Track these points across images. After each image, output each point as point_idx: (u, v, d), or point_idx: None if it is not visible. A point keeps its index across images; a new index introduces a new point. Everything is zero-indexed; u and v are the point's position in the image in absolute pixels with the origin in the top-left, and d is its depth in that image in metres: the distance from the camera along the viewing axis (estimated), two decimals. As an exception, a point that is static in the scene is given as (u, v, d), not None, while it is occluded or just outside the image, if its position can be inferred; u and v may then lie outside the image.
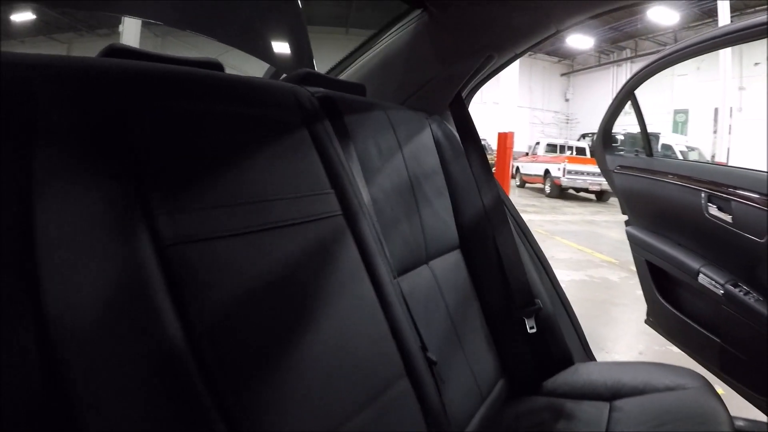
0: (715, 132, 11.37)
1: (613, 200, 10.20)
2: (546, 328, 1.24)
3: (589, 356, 1.46)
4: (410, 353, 0.81)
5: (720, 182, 1.57)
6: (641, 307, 2.06)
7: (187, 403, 0.53)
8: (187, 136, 0.65)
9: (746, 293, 1.47)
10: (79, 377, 0.47)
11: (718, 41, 1.52)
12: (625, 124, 2.92)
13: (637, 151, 2.15)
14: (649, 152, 2.04)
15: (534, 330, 1.21)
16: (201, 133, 0.67)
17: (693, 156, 10.42)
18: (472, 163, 1.32)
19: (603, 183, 10.08)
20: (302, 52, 1.44)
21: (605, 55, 19.40)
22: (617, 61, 18.62)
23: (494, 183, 1.32)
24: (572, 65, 21.74)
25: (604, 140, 2.17)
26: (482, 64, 1.31)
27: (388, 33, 1.38)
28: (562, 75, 21.87)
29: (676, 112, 14.32)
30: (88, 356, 0.48)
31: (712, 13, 11.60)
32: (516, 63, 1.50)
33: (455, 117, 1.37)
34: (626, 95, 1.96)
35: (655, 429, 0.98)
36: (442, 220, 1.22)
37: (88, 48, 20.35)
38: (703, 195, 1.61)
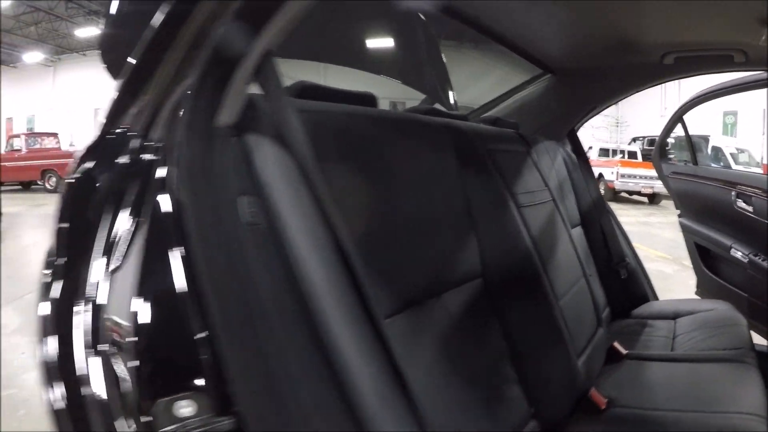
0: (764, 134, 11.57)
1: (665, 203, 10.47)
2: (632, 277, 1.96)
3: (656, 297, 2.16)
4: None
5: (744, 183, 2.25)
6: (691, 291, 2.74)
7: None
8: None
9: (764, 260, 2.14)
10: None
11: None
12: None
13: (686, 161, 2.84)
14: (694, 162, 2.73)
15: (625, 277, 1.93)
16: None
17: (743, 158, 10.62)
18: (584, 173, 2.05)
19: (655, 186, 10.40)
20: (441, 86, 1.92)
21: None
22: (665, 65, 18.66)
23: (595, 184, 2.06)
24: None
25: (661, 153, 2.88)
26: (591, 110, 2.04)
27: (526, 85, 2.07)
28: (611, 79, 21.96)
29: (725, 114, 14.37)
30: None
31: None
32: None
33: (572, 142, 2.11)
34: (677, 120, 2.66)
35: (700, 329, 1.67)
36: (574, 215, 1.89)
37: None
38: (732, 193, 2.29)
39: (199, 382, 0.53)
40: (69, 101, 22.50)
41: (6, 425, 2.09)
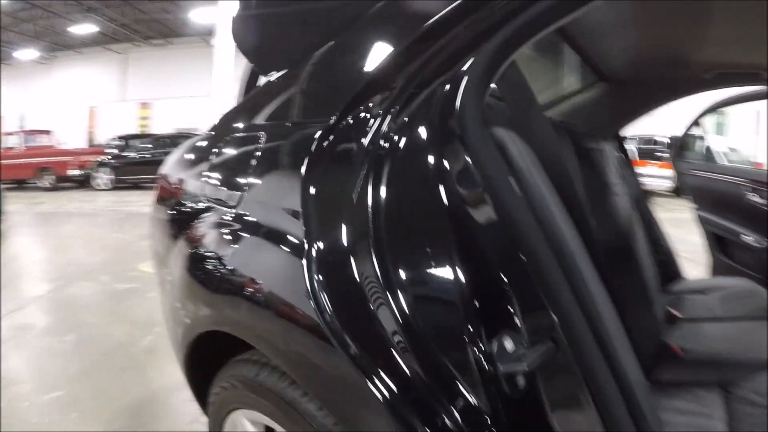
0: (756, 134, 12.07)
1: (658, 200, 10.97)
2: (668, 257, 2.32)
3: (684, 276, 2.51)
4: None
5: (754, 178, 2.63)
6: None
7: None
8: None
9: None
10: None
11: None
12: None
13: (701, 159, 3.23)
14: (710, 161, 3.12)
15: (663, 258, 2.29)
16: None
17: (735, 156, 11.09)
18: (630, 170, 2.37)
19: (649, 183, 10.87)
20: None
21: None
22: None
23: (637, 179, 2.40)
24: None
25: (678, 153, 3.28)
26: (638, 116, 2.37)
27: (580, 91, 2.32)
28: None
29: (717, 113, 14.81)
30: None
31: None
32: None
33: (618, 143, 2.44)
34: (695, 124, 3.06)
35: (732, 299, 1.92)
36: None
37: (143, 56, 21.97)
38: (743, 187, 2.67)
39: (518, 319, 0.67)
40: (64, 98, 22.47)
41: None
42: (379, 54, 0.92)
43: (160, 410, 2.32)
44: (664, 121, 2.42)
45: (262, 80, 1.35)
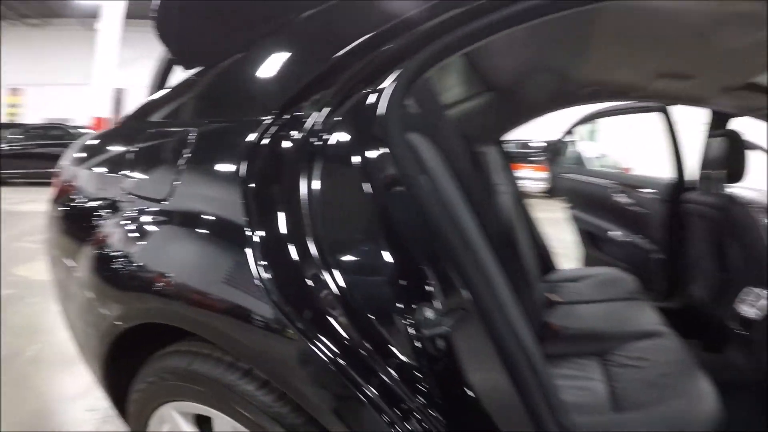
0: (624, 141, 13.42)
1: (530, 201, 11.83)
2: (542, 250, 2.60)
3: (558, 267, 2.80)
4: None
5: (618, 181, 3.01)
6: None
7: None
8: None
9: (631, 238, 2.88)
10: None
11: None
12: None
13: (574, 164, 3.61)
14: (579, 164, 3.49)
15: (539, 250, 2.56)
16: None
17: (604, 161, 12.24)
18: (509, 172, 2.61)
19: (523, 186, 11.73)
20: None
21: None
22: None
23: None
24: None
25: (552, 158, 3.63)
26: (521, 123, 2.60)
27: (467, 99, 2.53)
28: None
29: (590, 122, 16.18)
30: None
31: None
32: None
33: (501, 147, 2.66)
34: (569, 132, 3.41)
35: (601, 285, 2.20)
36: None
37: (17, 36, 19.85)
38: (609, 188, 3.04)
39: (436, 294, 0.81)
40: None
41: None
42: (312, 59, 1.03)
43: (59, 422, 2.20)
44: (538, 127, 2.70)
45: (184, 74, 1.32)
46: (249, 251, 0.88)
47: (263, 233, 0.89)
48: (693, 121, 2.74)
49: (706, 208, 2.25)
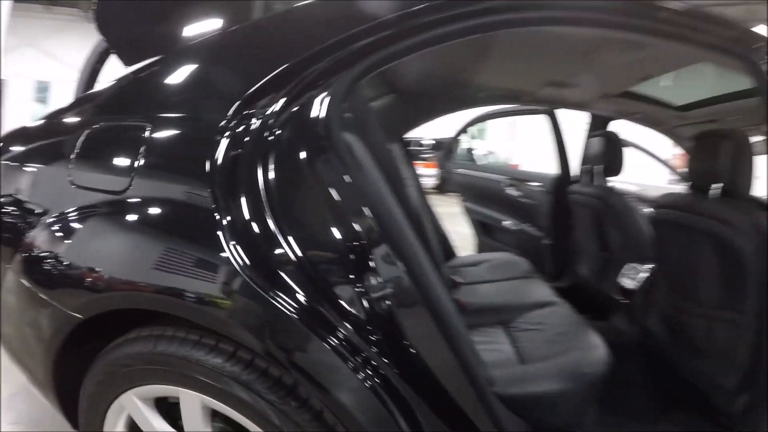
0: (511, 139, 14.32)
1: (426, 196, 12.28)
2: (443, 239, 2.74)
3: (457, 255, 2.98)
4: None
5: (508, 176, 3.24)
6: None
7: None
8: None
9: (522, 226, 3.12)
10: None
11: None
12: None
13: (467, 161, 3.82)
14: (472, 161, 3.71)
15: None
16: None
17: (491, 158, 13.00)
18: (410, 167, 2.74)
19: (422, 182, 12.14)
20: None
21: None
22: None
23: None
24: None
25: (447, 155, 3.83)
26: (419, 122, 2.74)
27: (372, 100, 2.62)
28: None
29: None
30: None
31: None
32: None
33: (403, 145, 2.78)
34: (462, 131, 3.62)
35: (498, 267, 2.37)
36: None
37: None
38: (501, 183, 3.26)
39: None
40: None
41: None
42: (266, 64, 1.12)
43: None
44: (430, 126, 2.92)
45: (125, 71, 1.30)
46: (220, 233, 0.98)
47: (230, 217, 0.99)
48: (576, 123, 3.02)
49: (588, 198, 2.50)
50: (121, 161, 1.16)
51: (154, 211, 1.09)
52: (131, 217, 1.10)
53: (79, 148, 1.22)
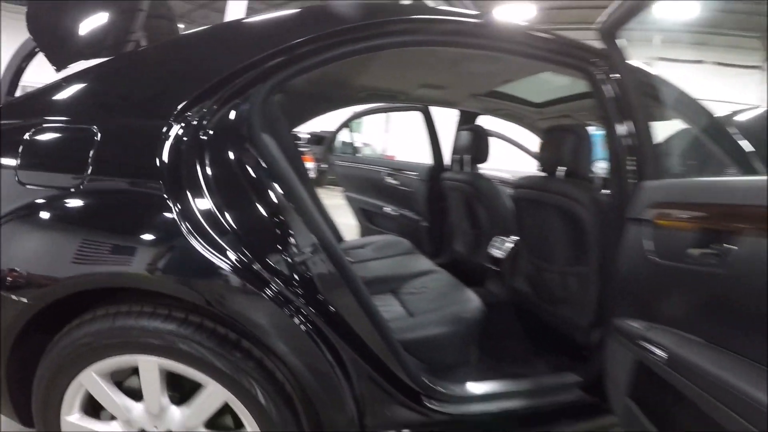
0: (386, 132, 14.81)
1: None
2: (332, 226, 2.90)
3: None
4: None
5: (387, 166, 3.47)
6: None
7: None
8: None
9: (401, 211, 3.36)
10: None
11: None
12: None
13: (348, 153, 4.01)
14: (353, 153, 3.90)
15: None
16: None
17: (367, 150, 13.38)
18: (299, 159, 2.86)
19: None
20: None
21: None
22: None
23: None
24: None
25: (328, 149, 4.02)
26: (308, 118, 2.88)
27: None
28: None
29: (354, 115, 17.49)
30: None
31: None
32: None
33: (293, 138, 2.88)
34: (342, 126, 3.80)
35: (384, 247, 2.54)
36: None
37: None
38: (382, 172, 3.48)
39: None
40: None
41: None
42: (200, 74, 1.32)
43: None
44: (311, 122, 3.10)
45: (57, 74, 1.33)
46: (173, 216, 1.18)
47: (180, 204, 1.19)
48: (446, 118, 3.31)
49: (459, 183, 2.80)
50: (73, 161, 1.25)
51: (106, 202, 1.24)
52: (89, 207, 1.22)
53: (27, 147, 1.26)
